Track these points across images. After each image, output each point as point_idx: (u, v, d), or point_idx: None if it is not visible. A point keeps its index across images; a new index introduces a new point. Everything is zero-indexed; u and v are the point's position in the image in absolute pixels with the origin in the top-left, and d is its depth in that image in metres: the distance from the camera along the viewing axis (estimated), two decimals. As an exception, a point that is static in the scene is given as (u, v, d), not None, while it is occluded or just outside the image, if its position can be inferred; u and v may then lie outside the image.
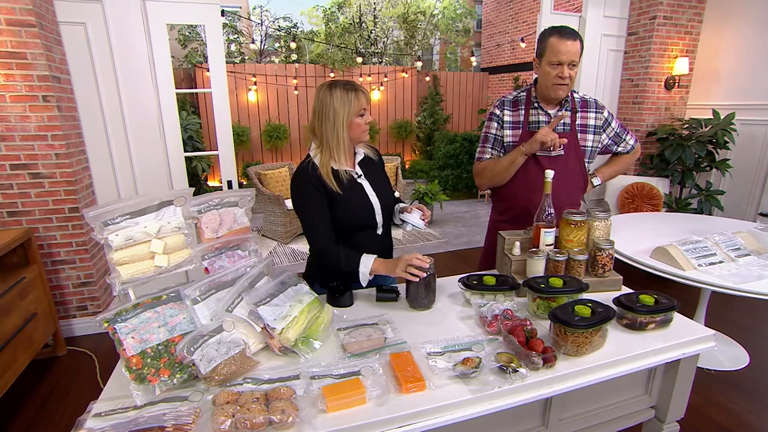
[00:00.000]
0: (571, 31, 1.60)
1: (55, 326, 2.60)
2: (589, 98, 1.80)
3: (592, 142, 1.79)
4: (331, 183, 1.41)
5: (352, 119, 1.39)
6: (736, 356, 2.50)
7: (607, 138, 1.84)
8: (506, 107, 1.81)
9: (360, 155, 1.54)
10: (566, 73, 1.61)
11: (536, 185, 1.70)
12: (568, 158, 1.75)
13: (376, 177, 1.56)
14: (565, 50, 1.58)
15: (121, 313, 1.01)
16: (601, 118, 1.79)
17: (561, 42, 1.58)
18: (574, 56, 1.59)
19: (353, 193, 1.48)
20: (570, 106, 1.75)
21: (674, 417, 1.34)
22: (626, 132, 1.87)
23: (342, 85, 1.38)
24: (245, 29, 9.66)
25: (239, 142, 7.24)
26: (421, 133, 8.63)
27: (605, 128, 1.82)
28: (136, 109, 2.84)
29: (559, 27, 1.62)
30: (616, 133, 1.84)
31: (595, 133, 1.79)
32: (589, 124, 1.78)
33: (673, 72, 3.94)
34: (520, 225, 1.72)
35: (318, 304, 1.22)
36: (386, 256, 1.59)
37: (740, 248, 1.96)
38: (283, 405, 0.87)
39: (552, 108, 1.75)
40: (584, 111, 1.78)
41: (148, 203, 1.14)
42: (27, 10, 2.33)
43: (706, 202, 3.68)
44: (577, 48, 1.59)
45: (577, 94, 1.79)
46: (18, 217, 2.57)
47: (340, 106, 1.36)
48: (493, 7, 10.37)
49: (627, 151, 1.91)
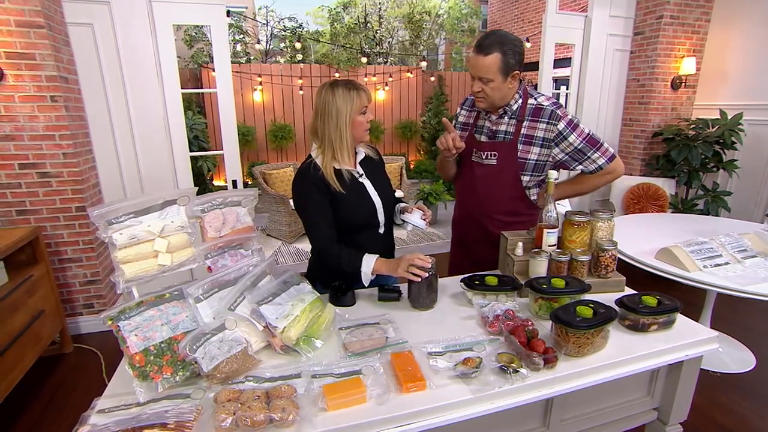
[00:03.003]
0: (486, 45, 1.49)
1: (61, 324, 2.63)
2: (546, 105, 1.59)
3: (537, 155, 1.61)
4: (335, 183, 1.42)
5: (354, 117, 1.40)
6: (742, 358, 2.48)
7: (562, 153, 1.61)
8: (464, 107, 1.82)
9: (361, 155, 1.55)
10: (476, 87, 1.57)
11: (470, 189, 1.76)
12: (502, 168, 1.65)
13: (376, 176, 1.57)
14: (472, 64, 1.55)
15: (124, 311, 1.02)
16: (553, 130, 1.57)
17: (472, 57, 1.55)
18: (481, 71, 1.52)
19: (355, 193, 1.49)
20: (519, 113, 1.62)
21: (677, 419, 1.33)
22: (595, 149, 1.59)
23: (343, 84, 1.40)
24: (251, 29, 9.70)
25: (244, 142, 7.27)
26: (425, 133, 8.61)
27: (558, 142, 1.59)
28: (143, 109, 2.87)
29: (479, 39, 1.53)
30: (576, 149, 1.59)
31: (543, 146, 1.60)
32: (536, 135, 1.60)
33: (680, 72, 3.90)
34: (465, 225, 1.82)
35: (320, 303, 1.23)
36: (388, 255, 1.60)
37: (747, 250, 1.95)
38: (284, 403, 0.88)
39: (495, 115, 1.67)
40: (533, 120, 1.60)
41: (152, 202, 1.16)
42: (36, 12, 2.36)
43: (712, 203, 3.64)
44: (485, 63, 1.49)
45: (535, 99, 1.61)
46: (26, 215, 2.60)
47: (343, 105, 1.37)
48: (499, 7, 10.34)
49: (590, 171, 1.64)
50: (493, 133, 1.68)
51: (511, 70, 1.53)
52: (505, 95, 1.58)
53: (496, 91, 1.56)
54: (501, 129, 1.66)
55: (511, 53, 1.50)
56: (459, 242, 1.93)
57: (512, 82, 1.56)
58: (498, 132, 1.67)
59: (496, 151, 1.66)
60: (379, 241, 1.58)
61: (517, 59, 1.52)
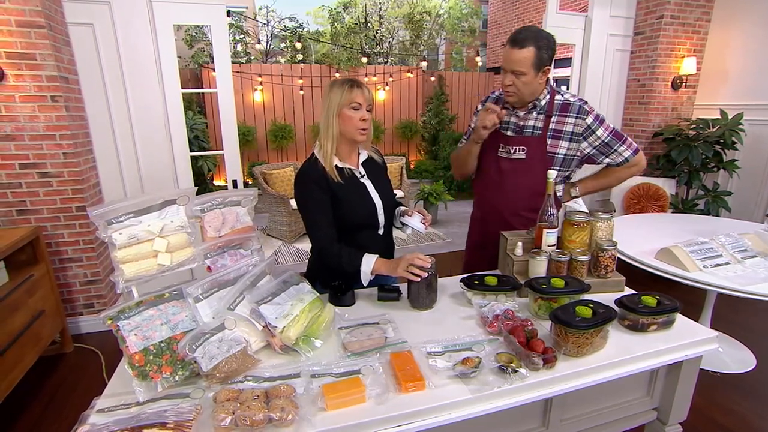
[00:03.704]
0: (521, 39, 1.52)
1: (62, 323, 2.63)
2: (574, 101, 1.63)
3: (566, 149, 1.65)
4: (334, 175, 1.44)
5: (342, 109, 1.42)
6: (742, 359, 2.47)
7: (590, 147, 1.65)
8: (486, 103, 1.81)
9: (364, 155, 1.57)
10: (508, 80, 1.58)
11: (494, 185, 1.75)
12: (531, 163, 1.66)
13: (378, 178, 1.59)
14: (505, 58, 1.57)
15: (124, 311, 1.03)
16: (581, 124, 1.61)
17: (506, 50, 1.56)
18: (514, 65, 1.53)
19: (356, 192, 1.50)
20: (547, 109, 1.64)
21: (677, 419, 1.33)
22: (621, 142, 1.65)
23: (342, 80, 1.44)
24: (251, 29, 9.71)
25: (245, 142, 7.27)
26: (426, 133, 8.62)
27: (587, 136, 1.63)
28: (143, 109, 2.87)
29: (514, 33, 1.55)
30: (603, 143, 1.64)
31: (572, 140, 1.64)
32: (564, 130, 1.64)
33: (680, 72, 3.90)
34: (488, 224, 1.78)
35: (319, 303, 1.23)
36: (388, 256, 1.60)
37: (747, 250, 1.94)
38: (283, 403, 0.88)
39: (523, 110, 1.68)
40: (562, 115, 1.63)
41: (152, 202, 1.16)
42: (36, 12, 2.36)
43: (713, 203, 3.64)
44: (519, 56, 1.51)
45: (561, 95, 1.66)
46: (26, 215, 2.60)
47: (334, 97, 1.42)
48: (499, 6, 10.33)
49: (617, 163, 1.70)
50: (521, 128, 1.70)
51: (543, 65, 1.55)
52: (534, 90, 1.61)
53: (527, 86, 1.58)
54: (529, 124, 1.68)
55: (545, 48, 1.53)
56: (478, 243, 1.90)
57: (542, 77, 1.59)
58: (525, 127, 1.68)
59: (525, 145, 1.67)
60: (379, 242, 1.58)
61: (549, 54, 1.56)
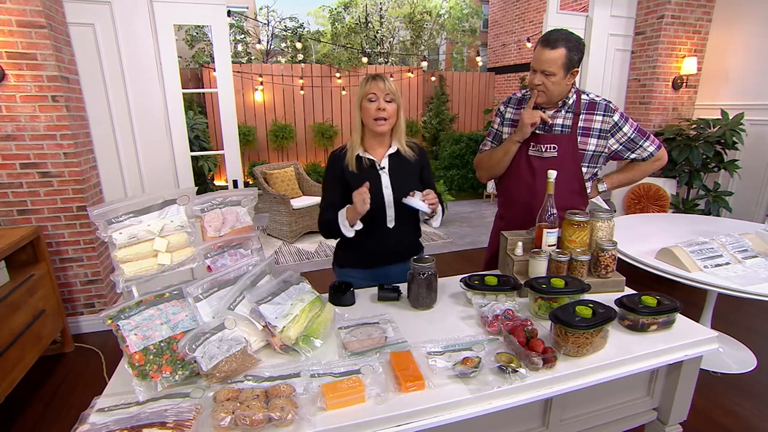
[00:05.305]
0: (552, 40, 1.56)
1: (62, 323, 2.63)
2: (599, 100, 1.72)
3: (595, 146, 1.72)
4: (350, 164, 1.55)
5: (362, 102, 1.52)
6: (743, 359, 2.47)
7: (617, 143, 1.74)
8: (510, 105, 1.84)
9: (393, 148, 1.59)
10: (537, 80, 1.62)
11: (526, 185, 1.76)
12: (563, 161, 1.70)
13: (399, 173, 1.59)
14: (536, 57, 1.60)
15: (124, 311, 1.03)
16: (609, 122, 1.70)
17: (537, 50, 1.60)
18: (545, 65, 1.57)
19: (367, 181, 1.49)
20: (575, 107, 1.70)
21: (677, 419, 1.33)
22: (645, 137, 1.75)
23: (367, 75, 1.53)
24: (252, 29, 9.70)
25: (245, 142, 7.27)
26: (426, 133, 8.62)
27: (614, 133, 1.72)
28: (144, 109, 2.87)
29: (545, 34, 1.59)
30: (629, 139, 1.73)
31: (600, 137, 1.71)
32: (593, 127, 1.71)
33: (681, 72, 3.90)
34: (516, 225, 1.74)
35: (319, 302, 1.23)
36: (406, 251, 1.65)
37: (747, 250, 1.94)
38: (283, 402, 0.88)
39: (552, 109, 1.72)
40: (590, 113, 1.70)
41: (152, 202, 1.16)
42: (37, 12, 2.36)
43: (713, 203, 3.64)
44: (551, 57, 1.55)
45: (587, 95, 1.73)
46: (27, 215, 2.61)
47: (359, 91, 1.54)
48: (500, 6, 10.32)
49: (643, 158, 1.79)
50: (550, 127, 1.72)
51: (572, 66, 1.60)
52: (562, 91, 1.65)
53: (556, 86, 1.61)
54: (558, 122, 1.72)
55: (575, 50, 1.57)
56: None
57: (570, 78, 1.64)
58: (554, 125, 1.72)
59: (556, 143, 1.71)
60: (388, 235, 1.61)
61: (579, 57, 1.60)
